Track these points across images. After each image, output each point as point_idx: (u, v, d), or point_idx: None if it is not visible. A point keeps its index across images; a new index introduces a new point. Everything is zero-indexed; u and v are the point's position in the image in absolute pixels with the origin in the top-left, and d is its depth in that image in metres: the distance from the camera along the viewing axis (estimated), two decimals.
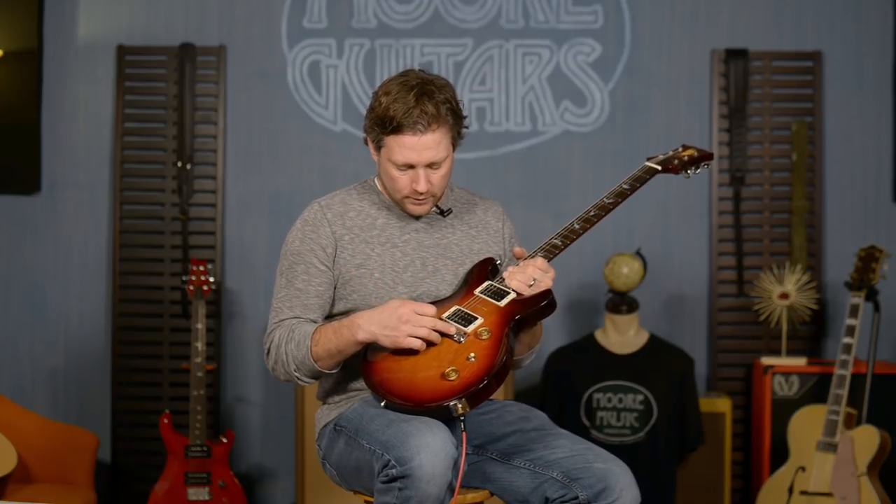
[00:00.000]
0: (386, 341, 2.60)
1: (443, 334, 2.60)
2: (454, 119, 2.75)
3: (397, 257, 2.80)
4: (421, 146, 2.70)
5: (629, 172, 2.93)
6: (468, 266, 2.84)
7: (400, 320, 2.58)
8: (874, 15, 4.98)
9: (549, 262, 2.70)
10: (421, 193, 2.75)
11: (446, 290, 2.80)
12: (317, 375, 2.74)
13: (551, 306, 2.67)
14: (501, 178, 5.00)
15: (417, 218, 2.85)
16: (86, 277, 5.00)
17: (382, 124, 2.71)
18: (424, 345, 2.58)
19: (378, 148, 2.78)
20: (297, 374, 2.72)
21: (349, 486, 2.80)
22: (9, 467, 3.97)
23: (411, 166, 2.73)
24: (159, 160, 5.00)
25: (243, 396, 5.03)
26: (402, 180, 2.75)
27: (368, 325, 2.61)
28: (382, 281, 2.78)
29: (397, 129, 2.69)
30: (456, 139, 2.78)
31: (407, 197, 2.78)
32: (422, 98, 2.68)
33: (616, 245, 4.91)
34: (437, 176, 2.76)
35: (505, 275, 2.71)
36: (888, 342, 4.91)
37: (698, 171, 3.00)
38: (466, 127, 2.82)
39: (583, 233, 2.78)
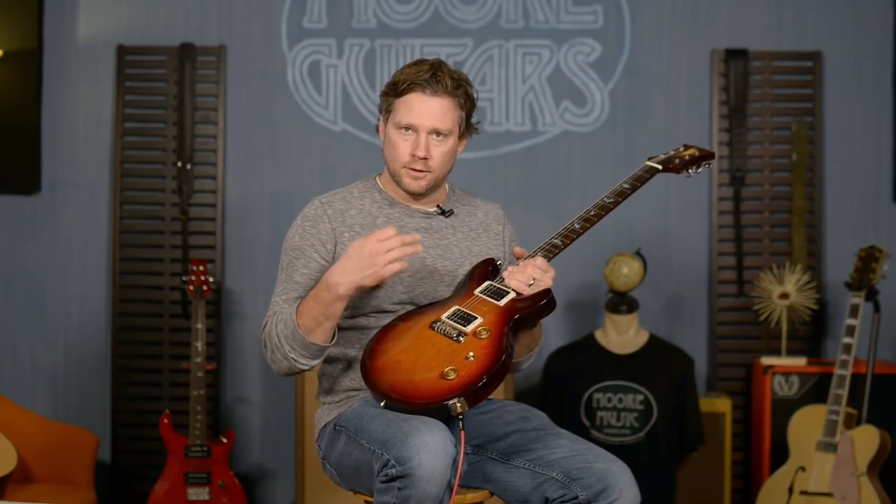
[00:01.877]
0: (369, 281, 2.58)
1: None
2: (465, 100, 2.78)
3: None
4: (427, 108, 2.73)
5: (630, 172, 2.93)
6: (467, 268, 2.84)
7: (371, 255, 2.56)
8: (874, 15, 4.98)
9: (548, 261, 2.70)
10: (419, 160, 2.75)
11: (444, 291, 2.80)
12: (314, 352, 2.68)
13: (551, 305, 2.67)
14: (501, 178, 5.00)
15: (416, 196, 2.82)
16: (86, 277, 5.00)
17: (395, 87, 2.76)
18: (406, 265, 2.59)
19: (387, 115, 2.79)
20: (293, 354, 2.67)
21: (349, 486, 2.80)
22: (9, 467, 3.97)
23: (415, 130, 2.74)
24: (159, 160, 5.00)
25: (243, 396, 5.03)
26: (403, 146, 2.76)
27: (344, 277, 2.59)
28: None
29: (407, 90, 2.74)
30: (464, 125, 2.80)
31: (405, 166, 2.77)
32: (437, 69, 2.75)
33: (616, 245, 4.91)
34: (439, 150, 2.76)
35: (505, 274, 2.71)
36: (888, 342, 4.91)
37: (699, 170, 3.00)
38: (478, 122, 2.85)
39: (583, 232, 2.78)
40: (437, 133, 2.75)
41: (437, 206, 2.89)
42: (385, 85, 2.82)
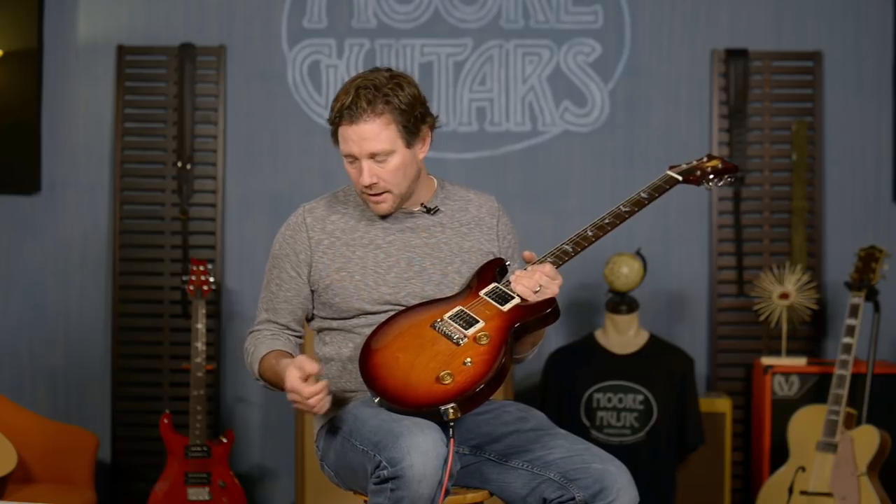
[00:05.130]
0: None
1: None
2: (398, 112, 2.70)
3: (380, 258, 2.79)
4: (357, 135, 2.71)
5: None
6: (457, 265, 2.81)
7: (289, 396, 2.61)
8: (874, 15, 4.98)
9: (557, 268, 2.66)
10: (368, 187, 2.74)
11: (432, 290, 2.77)
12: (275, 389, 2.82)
13: (555, 315, 2.64)
14: (501, 178, 5.00)
15: (384, 218, 2.83)
16: (86, 277, 5.01)
17: (332, 118, 2.76)
18: (328, 405, 2.61)
19: (337, 145, 2.81)
20: (260, 383, 2.84)
21: (346, 486, 2.80)
22: (9, 467, 3.97)
23: (355, 158, 2.74)
24: (159, 160, 5.00)
25: (243, 396, 5.03)
26: (353, 174, 2.77)
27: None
28: (364, 283, 2.76)
29: (338, 120, 2.73)
30: (407, 133, 2.73)
31: (363, 193, 2.78)
32: (360, 90, 2.70)
33: (616, 245, 4.90)
34: (385, 170, 2.73)
35: (511, 278, 2.68)
36: (888, 342, 4.91)
37: (721, 183, 2.92)
38: (423, 122, 2.76)
39: (595, 240, 2.73)
40: (375, 155, 2.72)
41: (422, 204, 2.87)
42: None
